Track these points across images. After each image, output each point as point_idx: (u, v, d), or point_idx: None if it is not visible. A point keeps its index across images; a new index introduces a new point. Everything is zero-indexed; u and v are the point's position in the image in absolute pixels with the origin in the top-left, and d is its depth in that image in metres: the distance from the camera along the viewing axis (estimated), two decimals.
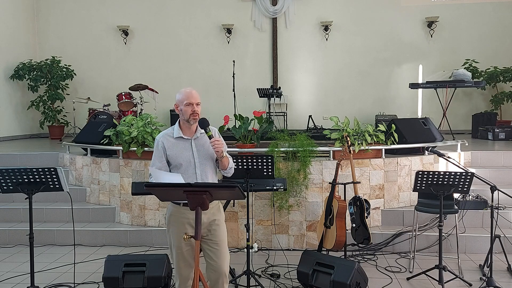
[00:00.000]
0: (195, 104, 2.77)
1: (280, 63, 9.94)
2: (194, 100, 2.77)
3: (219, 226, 2.86)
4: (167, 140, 2.83)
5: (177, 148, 2.82)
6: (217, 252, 2.83)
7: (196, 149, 2.83)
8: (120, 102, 8.12)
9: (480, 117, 8.68)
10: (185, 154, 2.81)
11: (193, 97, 2.78)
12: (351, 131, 4.93)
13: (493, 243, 3.84)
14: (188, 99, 2.77)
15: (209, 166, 2.86)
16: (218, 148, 2.72)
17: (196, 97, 2.79)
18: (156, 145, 2.85)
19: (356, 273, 3.46)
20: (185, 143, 2.84)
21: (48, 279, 4.11)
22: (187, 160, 2.80)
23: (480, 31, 9.46)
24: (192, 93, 2.79)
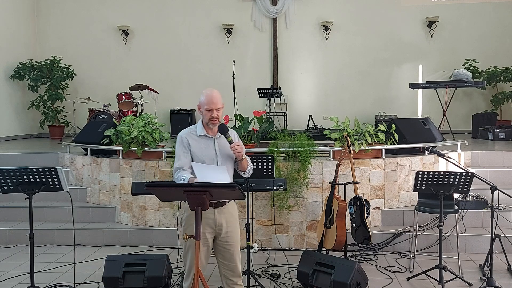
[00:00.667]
0: (215, 109, 2.80)
1: (280, 63, 9.94)
2: (214, 106, 2.79)
3: (236, 228, 2.91)
4: (191, 137, 2.87)
5: (201, 146, 2.85)
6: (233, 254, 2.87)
7: (219, 148, 2.87)
8: (120, 102, 8.13)
9: (480, 117, 8.68)
10: (208, 152, 2.85)
11: (213, 103, 2.79)
12: (351, 131, 4.93)
13: (493, 243, 3.84)
14: (208, 105, 2.80)
15: (229, 165, 2.91)
16: (239, 152, 2.78)
17: (217, 102, 2.80)
18: (180, 141, 2.87)
19: (356, 273, 3.46)
20: (209, 141, 2.88)
21: (48, 279, 4.11)
22: (210, 158, 2.84)
23: (480, 31, 9.46)
24: (213, 98, 2.80)
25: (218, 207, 2.81)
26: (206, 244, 2.82)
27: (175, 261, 4.39)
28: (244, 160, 2.87)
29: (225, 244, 2.86)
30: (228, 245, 2.86)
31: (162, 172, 5.16)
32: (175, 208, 5.09)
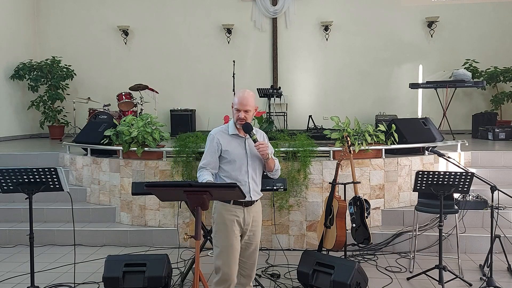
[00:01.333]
0: (243, 111, 2.86)
1: (280, 63, 9.94)
2: (242, 108, 2.86)
3: (259, 227, 2.97)
4: (222, 136, 2.93)
5: (233, 144, 2.91)
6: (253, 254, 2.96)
7: (249, 148, 2.92)
8: (120, 102, 8.13)
9: (480, 117, 8.68)
10: (239, 152, 2.90)
11: (242, 104, 2.86)
12: (351, 131, 4.93)
13: (493, 243, 3.84)
14: (237, 105, 2.88)
15: (258, 166, 2.96)
16: (263, 151, 2.81)
17: (246, 104, 2.86)
18: (211, 139, 2.93)
19: (356, 273, 3.46)
20: (240, 141, 2.93)
21: (48, 279, 4.11)
22: (241, 157, 2.90)
23: (480, 31, 9.46)
24: (243, 100, 2.87)
25: (247, 205, 2.87)
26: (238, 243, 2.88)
27: (175, 261, 4.40)
28: (270, 160, 2.91)
29: (248, 243, 2.93)
30: (250, 244, 2.94)
31: (162, 172, 5.16)
32: (175, 208, 5.09)
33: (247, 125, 2.86)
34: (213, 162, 2.89)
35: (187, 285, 3.94)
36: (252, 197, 2.89)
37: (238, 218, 2.86)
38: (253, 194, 2.90)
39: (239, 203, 2.84)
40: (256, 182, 2.93)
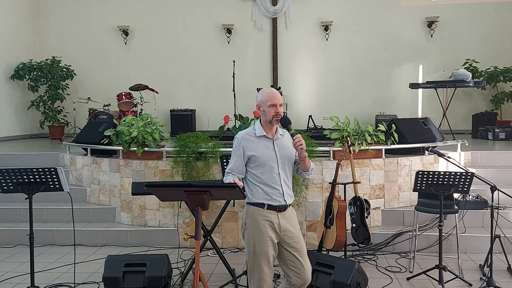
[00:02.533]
0: (278, 105, 2.75)
1: (280, 63, 9.94)
2: (277, 102, 2.75)
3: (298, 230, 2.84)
4: (248, 140, 2.79)
5: (260, 147, 2.78)
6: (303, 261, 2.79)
7: (278, 149, 2.80)
8: (120, 102, 8.12)
9: (480, 117, 8.68)
10: (268, 153, 2.77)
11: (277, 98, 2.75)
12: (351, 131, 4.93)
13: (493, 243, 3.84)
14: (271, 100, 2.74)
15: (288, 167, 2.84)
16: (302, 146, 2.66)
17: (280, 98, 2.77)
18: (237, 143, 2.81)
19: (356, 273, 3.46)
20: (268, 142, 2.80)
21: (48, 279, 4.11)
22: (271, 159, 2.76)
23: (480, 31, 9.46)
24: (275, 94, 2.77)
25: (281, 210, 2.75)
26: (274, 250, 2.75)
27: (175, 261, 4.40)
28: (307, 158, 2.79)
29: (294, 249, 2.78)
30: (295, 250, 2.78)
31: (162, 172, 5.16)
32: (175, 208, 5.09)
33: (285, 119, 2.75)
34: (239, 168, 2.77)
35: (187, 285, 3.94)
36: (286, 201, 2.77)
37: (272, 223, 2.73)
38: (287, 197, 2.78)
39: (273, 207, 2.73)
40: (288, 185, 2.80)
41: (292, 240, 2.78)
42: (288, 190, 2.80)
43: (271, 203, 2.73)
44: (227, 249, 4.92)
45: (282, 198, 2.76)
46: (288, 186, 2.81)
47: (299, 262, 2.78)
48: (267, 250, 2.72)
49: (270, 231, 2.73)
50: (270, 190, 2.74)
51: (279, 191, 2.75)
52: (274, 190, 2.73)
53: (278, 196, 2.74)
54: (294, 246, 2.78)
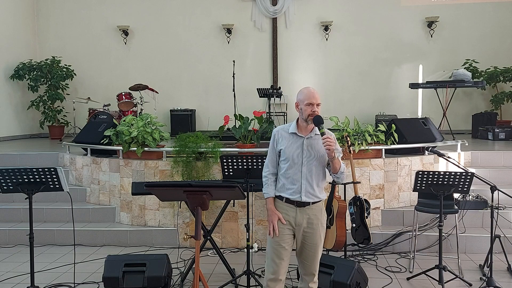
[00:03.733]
0: (315, 104, 2.82)
1: (280, 63, 9.94)
2: (315, 101, 2.82)
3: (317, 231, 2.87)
4: (281, 134, 2.92)
5: (289, 142, 2.87)
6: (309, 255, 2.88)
7: (307, 147, 2.84)
8: (120, 102, 8.12)
9: (480, 117, 8.68)
10: (295, 150, 2.85)
11: (315, 97, 2.83)
12: (351, 131, 4.93)
13: (493, 243, 3.84)
14: (309, 99, 2.82)
15: (316, 166, 2.85)
16: (329, 145, 2.68)
17: (318, 97, 2.84)
18: (272, 138, 2.97)
19: (356, 273, 3.46)
20: (298, 139, 2.87)
21: (48, 279, 4.11)
22: (295, 155, 2.84)
23: (480, 31, 9.46)
24: (314, 94, 2.85)
25: (300, 206, 2.83)
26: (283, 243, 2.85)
27: (175, 261, 4.40)
28: (336, 160, 2.77)
29: (304, 244, 2.88)
30: (305, 245, 2.87)
31: (162, 172, 5.16)
32: (175, 208, 5.09)
33: (318, 118, 2.79)
34: (272, 160, 2.94)
35: (187, 285, 3.94)
36: (303, 197, 2.81)
37: (289, 216, 2.84)
38: (306, 195, 2.82)
39: (290, 201, 2.83)
40: (310, 183, 2.83)
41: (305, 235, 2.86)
42: (309, 189, 2.83)
43: (289, 197, 2.83)
44: (227, 249, 4.92)
45: (299, 194, 2.82)
46: (311, 184, 2.84)
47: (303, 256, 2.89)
48: (278, 241, 2.84)
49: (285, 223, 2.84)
50: (290, 185, 2.84)
51: (298, 187, 2.82)
52: (293, 185, 2.82)
53: (296, 192, 2.82)
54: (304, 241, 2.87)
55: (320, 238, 2.89)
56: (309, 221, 2.85)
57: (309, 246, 2.87)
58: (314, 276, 2.91)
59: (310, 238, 2.86)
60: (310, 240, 2.86)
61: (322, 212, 2.92)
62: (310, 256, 2.88)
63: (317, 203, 2.87)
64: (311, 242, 2.86)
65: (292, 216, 2.84)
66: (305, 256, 2.89)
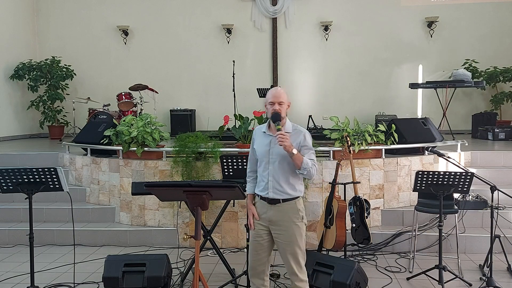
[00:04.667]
0: (277, 103, 2.87)
1: (280, 63, 9.94)
2: (276, 99, 2.88)
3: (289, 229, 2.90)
4: (257, 133, 3.06)
5: (259, 142, 3.00)
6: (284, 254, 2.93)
7: (274, 145, 2.88)
8: (120, 102, 8.12)
9: (480, 117, 8.68)
10: (263, 149, 2.95)
11: (276, 96, 2.89)
12: (351, 131, 4.93)
13: (493, 243, 3.84)
14: (271, 98, 2.90)
15: (282, 164, 2.89)
16: (281, 141, 2.73)
17: (279, 96, 2.89)
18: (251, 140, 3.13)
19: (356, 273, 3.46)
20: (267, 139, 2.96)
21: (48, 279, 4.11)
22: (264, 154, 2.94)
23: (480, 31, 9.46)
24: (277, 93, 2.91)
25: (271, 203, 2.90)
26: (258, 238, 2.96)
27: (174, 261, 4.40)
28: (296, 156, 2.79)
29: (277, 242, 2.94)
30: (278, 243, 2.93)
31: (162, 172, 5.16)
32: (174, 208, 5.09)
33: (276, 115, 2.85)
34: (251, 159, 3.10)
35: (187, 285, 3.94)
36: (270, 194, 2.89)
37: (262, 213, 2.95)
38: (273, 191, 2.89)
39: (263, 198, 2.93)
40: (277, 180, 2.88)
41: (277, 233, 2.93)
42: (276, 186, 2.90)
43: (260, 193, 2.96)
44: (226, 249, 4.92)
45: (267, 191, 2.91)
46: (278, 181, 2.90)
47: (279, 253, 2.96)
48: (253, 235, 3.00)
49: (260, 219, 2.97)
50: (261, 182, 2.96)
51: (266, 184, 2.92)
52: (263, 182, 2.93)
53: (265, 188, 2.92)
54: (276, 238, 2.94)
55: (295, 236, 2.91)
56: (280, 218, 2.91)
57: (282, 244, 2.91)
58: (296, 276, 2.91)
59: (282, 236, 2.91)
60: (282, 238, 2.91)
61: (296, 210, 2.97)
62: (285, 255, 2.92)
63: (289, 200, 2.92)
64: (283, 240, 2.91)
65: (264, 212, 2.93)
66: (281, 255, 2.95)
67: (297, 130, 2.97)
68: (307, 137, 2.96)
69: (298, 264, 2.92)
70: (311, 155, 2.92)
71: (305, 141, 2.92)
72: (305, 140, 2.93)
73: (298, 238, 2.93)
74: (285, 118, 2.93)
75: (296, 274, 2.91)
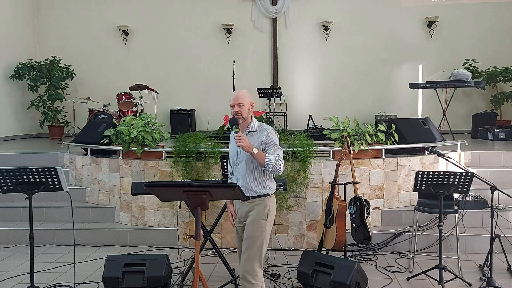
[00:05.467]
0: (236, 105, 2.97)
1: (280, 63, 9.94)
2: (234, 102, 2.98)
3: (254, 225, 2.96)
4: (231, 136, 3.14)
5: (232, 144, 3.13)
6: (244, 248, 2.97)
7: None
8: (120, 102, 8.12)
9: (480, 117, 8.68)
10: (233, 150, 3.10)
11: (234, 98, 2.99)
12: (351, 131, 4.93)
13: (493, 243, 3.84)
14: (230, 101, 3.01)
15: (249, 163, 2.97)
16: (238, 143, 2.83)
17: (237, 98, 2.98)
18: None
19: (356, 273, 3.46)
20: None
21: (48, 279, 4.11)
22: (233, 155, 3.10)
23: (480, 31, 9.46)
24: (235, 95, 3.00)
25: (242, 200, 2.99)
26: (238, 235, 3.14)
27: (174, 261, 4.40)
28: (257, 154, 2.85)
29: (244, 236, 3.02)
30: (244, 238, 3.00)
31: (162, 172, 5.16)
32: (174, 208, 5.09)
33: (233, 120, 2.99)
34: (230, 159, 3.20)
35: (187, 285, 3.94)
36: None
37: (237, 210, 3.10)
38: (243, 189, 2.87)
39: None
40: (245, 179, 2.97)
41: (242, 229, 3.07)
42: (245, 184, 2.97)
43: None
44: (226, 249, 4.92)
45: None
46: (246, 180, 2.97)
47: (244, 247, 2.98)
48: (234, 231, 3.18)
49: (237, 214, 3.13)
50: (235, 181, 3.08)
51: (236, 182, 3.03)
52: (235, 181, 3.05)
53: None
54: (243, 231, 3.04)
55: (258, 232, 2.94)
56: (249, 213, 2.99)
57: (245, 239, 2.97)
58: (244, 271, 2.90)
59: (247, 230, 2.98)
60: (247, 233, 2.97)
61: (266, 207, 2.99)
62: (244, 248, 2.96)
63: (257, 197, 2.98)
64: (247, 234, 2.96)
65: (238, 209, 3.07)
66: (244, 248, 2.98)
67: (261, 129, 3.05)
68: (270, 134, 3.00)
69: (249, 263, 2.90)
70: (277, 151, 2.96)
71: (268, 138, 2.96)
72: (268, 137, 2.97)
73: (258, 235, 2.94)
74: (249, 118, 3.03)
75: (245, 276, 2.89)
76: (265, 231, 2.96)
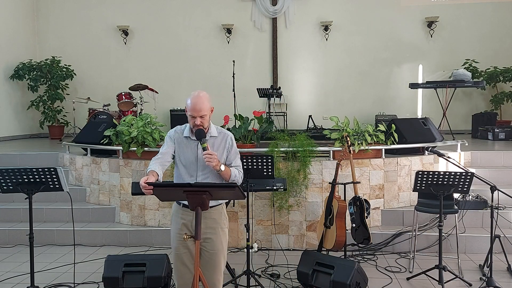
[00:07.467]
0: (198, 117, 2.70)
1: (280, 63, 9.94)
2: (197, 114, 2.70)
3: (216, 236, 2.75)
4: (177, 136, 2.85)
5: (183, 146, 2.81)
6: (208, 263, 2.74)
7: (200, 152, 2.73)
8: (120, 102, 8.12)
9: (480, 117, 8.68)
10: (189, 156, 2.79)
11: (196, 110, 2.70)
12: (351, 131, 4.93)
13: (493, 243, 3.84)
14: (191, 111, 2.72)
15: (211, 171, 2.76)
16: (209, 162, 2.63)
17: (200, 109, 2.69)
18: (167, 137, 2.87)
19: (356, 273, 3.46)
20: (192, 143, 2.81)
21: (48, 279, 4.11)
22: (191, 160, 2.78)
23: (480, 31, 9.46)
24: (196, 105, 2.70)
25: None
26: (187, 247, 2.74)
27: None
28: (224, 172, 2.70)
29: (203, 251, 2.72)
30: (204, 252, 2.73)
31: None
32: None
33: (198, 132, 2.70)
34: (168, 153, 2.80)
35: None
36: None
37: (185, 221, 2.73)
38: None
39: (186, 206, 2.68)
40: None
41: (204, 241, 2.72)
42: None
43: (185, 202, 2.70)
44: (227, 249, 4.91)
45: None
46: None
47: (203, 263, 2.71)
48: (176, 247, 2.76)
49: (182, 228, 2.73)
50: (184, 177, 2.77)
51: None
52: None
53: None
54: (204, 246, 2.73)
55: (221, 244, 2.76)
56: (208, 225, 2.71)
57: (208, 254, 2.73)
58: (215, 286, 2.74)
59: (210, 245, 2.72)
60: (209, 247, 2.72)
61: (222, 215, 2.82)
62: (210, 264, 2.73)
63: (215, 206, 2.77)
64: (211, 249, 2.73)
65: (188, 220, 2.72)
66: (204, 264, 2.71)
67: (222, 133, 2.87)
68: (233, 141, 2.89)
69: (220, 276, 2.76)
70: (238, 160, 2.87)
71: (232, 145, 2.85)
72: (233, 143, 2.87)
73: (224, 247, 2.78)
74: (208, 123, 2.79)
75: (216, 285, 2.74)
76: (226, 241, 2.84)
